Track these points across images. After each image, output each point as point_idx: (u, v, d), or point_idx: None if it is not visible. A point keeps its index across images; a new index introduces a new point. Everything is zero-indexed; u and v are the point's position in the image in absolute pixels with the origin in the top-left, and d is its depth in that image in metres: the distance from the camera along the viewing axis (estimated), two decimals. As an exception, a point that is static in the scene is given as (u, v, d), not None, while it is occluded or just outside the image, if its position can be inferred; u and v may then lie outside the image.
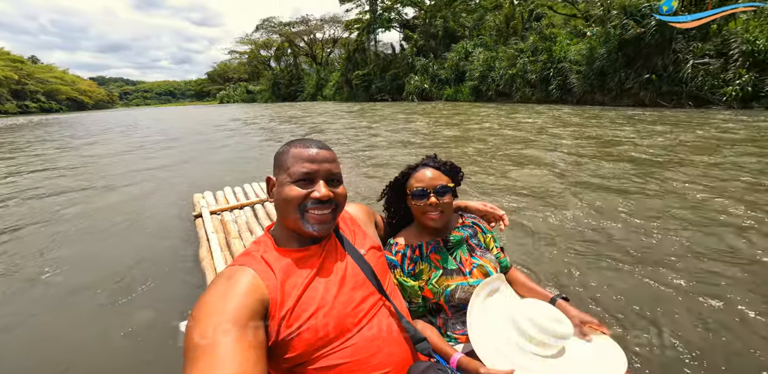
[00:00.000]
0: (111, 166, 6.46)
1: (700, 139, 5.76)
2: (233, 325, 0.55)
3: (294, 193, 0.71)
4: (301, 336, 0.64)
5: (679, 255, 2.16)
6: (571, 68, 14.21)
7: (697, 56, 10.55)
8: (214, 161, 6.52)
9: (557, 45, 15.23)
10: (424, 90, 23.19)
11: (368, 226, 0.97)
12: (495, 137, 7.27)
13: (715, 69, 10.25)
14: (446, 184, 0.95)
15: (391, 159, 5.67)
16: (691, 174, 3.83)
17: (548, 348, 0.76)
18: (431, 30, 24.80)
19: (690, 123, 7.79)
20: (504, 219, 1.09)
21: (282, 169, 0.74)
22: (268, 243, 0.75)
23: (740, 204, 2.88)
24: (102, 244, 2.89)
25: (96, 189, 4.74)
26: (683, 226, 2.56)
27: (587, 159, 4.84)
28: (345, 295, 0.71)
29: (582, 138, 6.56)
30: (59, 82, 77.25)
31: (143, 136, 11.89)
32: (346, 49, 33.17)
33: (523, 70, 16.44)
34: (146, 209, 3.75)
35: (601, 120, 9.12)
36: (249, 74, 67.46)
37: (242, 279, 0.64)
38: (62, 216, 3.69)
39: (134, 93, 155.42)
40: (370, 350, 0.68)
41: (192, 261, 2.37)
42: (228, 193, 3.20)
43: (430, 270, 0.96)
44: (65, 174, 5.91)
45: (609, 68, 12.74)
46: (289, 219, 0.73)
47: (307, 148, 0.74)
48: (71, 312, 1.96)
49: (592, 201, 3.21)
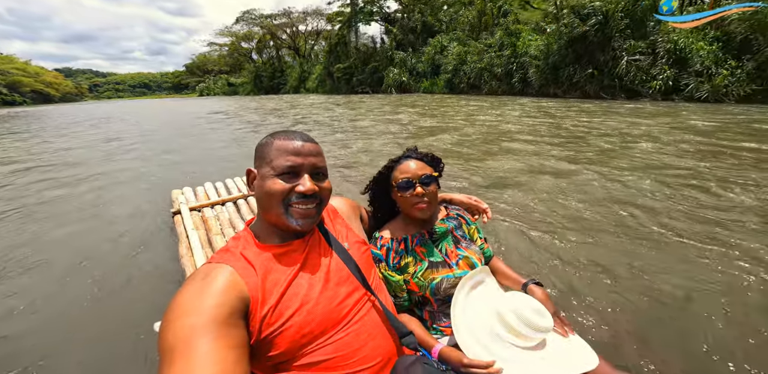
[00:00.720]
0: (81, 159, 6.23)
1: (609, 127, 7.26)
2: (210, 324, 0.53)
3: (277, 187, 0.69)
4: (284, 333, 0.63)
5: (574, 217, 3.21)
6: (531, 63, 15.75)
7: (630, 53, 12.22)
8: (196, 154, 6.32)
9: (521, 41, 16.73)
10: (403, 82, 24.41)
11: (353, 220, 0.96)
12: (464, 127, 8.57)
13: (645, 65, 11.95)
14: (431, 174, 0.97)
15: (369, 146, 5.96)
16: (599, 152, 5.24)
17: (529, 340, 0.78)
18: (410, 24, 25.94)
19: (613, 112, 9.40)
20: (487, 212, 1.11)
21: (264, 162, 0.72)
22: (248, 238, 0.74)
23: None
24: (75, 241, 2.78)
25: (66, 184, 4.58)
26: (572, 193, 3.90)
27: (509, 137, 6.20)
28: (329, 291, 0.70)
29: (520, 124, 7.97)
30: (21, 74, 73.55)
31: (117, 130, 11.38)
32: (328, 42, 33.81)
33: (491, 64, 17.92)
34: (120, 206, 3.60)
35: (545, 111, 10.63)
36: (230, 66, 66.42)
37: (219, 277, 0.62)
38: (31, 211, 3.54)
39: (105, 85, 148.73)
40: (355, 345, 0.67)
41: (170, 259, 2.29)
42: (209, 189, 3.10)
43: (415, 263, 0.97)
44: (30, 167, 5.73)
45: (561, 63, 14.33)
46: (271, 213, 0.71)
47: (292, 140, 0.72)
48: (44, 311, 1.91)
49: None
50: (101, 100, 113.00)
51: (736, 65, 9.93)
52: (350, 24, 29.81)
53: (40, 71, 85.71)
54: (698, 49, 10.64)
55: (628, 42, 12.38)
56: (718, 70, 10.12)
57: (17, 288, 2.16)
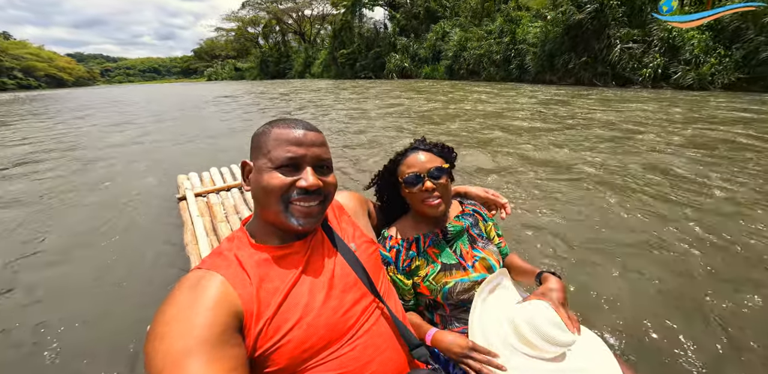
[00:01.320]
0: (92, 140, 6.54)
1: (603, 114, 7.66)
2: (203, 347, 0.48)
3: (276, 182, 0.62)
4: (282, 349, 0.57)
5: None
6: (528, 50, 15.78)
7: (624, 41, 12.24)
8: (202, 139, 6.39)
9: (521, 28, 16.66)
10: (404, 68, 24.50)
11: (360, 217, 0.88)
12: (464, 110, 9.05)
13: (637, 53, 12.00)
14: (441, 166, 0.88)
15: (367, 129, 6.25)
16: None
17: (544, 352, 0.73)
18: (413, 10, 25.67)
19: (607, 100, 9.69)
20: (506, 207, 1.02)
21: (261, 153, 0.64)
22: (243, 239, 0.67)
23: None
24: (81, 227, 2.78)
25: (78, 163, 4.78)
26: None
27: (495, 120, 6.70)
28: (334, 300, 0.64)
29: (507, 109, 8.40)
30: (35, 59, 74.96)
31: (132, 113, 12.07)
32: (333, 27, 33.65)
33: (490, 51, 17.93)
34: (128, 189, 3.66)
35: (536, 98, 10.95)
36: (237, 51, 66.48)
37: (210, 288, 0.56)
38: (39, 195, 3.63)
39: (116, 70, 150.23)
40: (362, 359, 0.62)
41: (176, 246, 2.28)
42: (214, 174, 3.04)
43: (427, 265, 0.89)
44: (40, 147, 6.05)
45: (557, 51, 14.36)
46: (269, 211, 0.64)
47: (292, 129, 0.65)
48: (44, 301, 1.89)
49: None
50: (112, 84, 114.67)
51: (725, 54, 10.00)
52: (354, 9, 29.57)
53: (53, 56, 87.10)
54: (690, 38, 10.67)
55: (623, 30, 12.38)
56: (707, 59, 10.20)
57: (24, 270, 2.20)
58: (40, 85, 72.17)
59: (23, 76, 69.89)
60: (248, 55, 60.68)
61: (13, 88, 63.56)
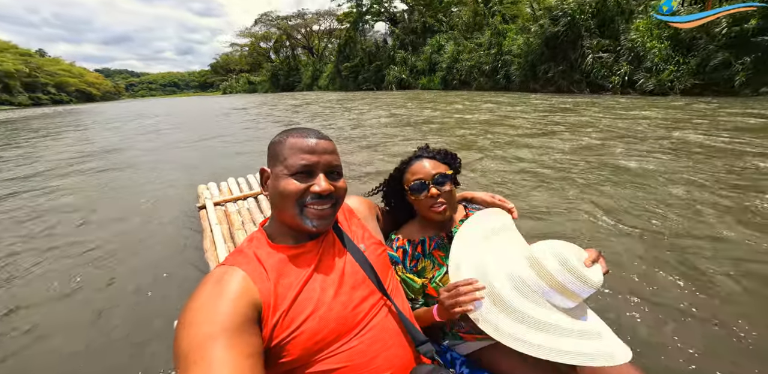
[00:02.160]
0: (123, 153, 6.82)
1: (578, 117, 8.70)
2: (224, 333, 0.53)
3: (292, 187, 0.68)
4: (296, 340, 0.62)
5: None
6: (513, 60, 16.94)
7: (595, 51, 13.25)
8: (220, 150, 6.67)
9: (507, 40, 17.90)
10: (403, 80, 26.02)
11: (369, 220, 0.94)
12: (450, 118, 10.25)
13: (608, 61, 12.97)
14: (444, 173, 0.92)
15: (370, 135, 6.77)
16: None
17: (567, 295, 0.64)
18: (411, 25, 27.44)
19: (577, 106, 10.70)
20: (513, 212, 1.02)
21: (278, 161, 0.71)
22: (262, 239, 0.74)
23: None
24: (110, 234, 2.95)
25: (114, 171, 5.24)
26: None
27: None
28: (344, 295, 0.69)
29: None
30: (67, 75, 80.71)
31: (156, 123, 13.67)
32: (338, 42, 35.89)
33: (480, 62, 19.18)
34: (153, 197, 3.89)
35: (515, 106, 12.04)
36: (250, 65, 70.37)
37: (232, 282, 0.62)
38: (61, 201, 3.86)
39: (139, 84, 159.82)
40: (369, 353, 0.67)
41: (197, 251, 2.41)
42: (231, 184, 3.24)
43: (433, 267, 0.93)
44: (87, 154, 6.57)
45: (538, 61, 15.46)
46: (286, 214, 0.71)
47: (306, 138, 0.71)
48: (67, 303, 1.98)
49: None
50: (136, 98, 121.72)
51: (682, 62, 10.87)
52: (356, 25, 31.66)
53: (83, 72, 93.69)
54: (651, 47, 11.60)
55: (594, 41, 13.41)
56: (666, 67, 11.09)
57: (44, 273, 2.31)
58: (71, 99, 77.36)
59: (56, 91, 75.55)
60: (260, 69, 64.22)
61: (47, 102, 68.56)
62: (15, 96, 61.19)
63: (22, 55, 69.22)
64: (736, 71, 9.64)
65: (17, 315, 1.91)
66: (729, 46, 9.82)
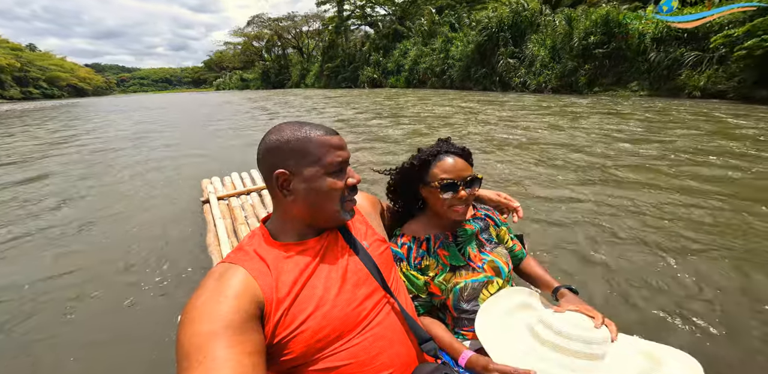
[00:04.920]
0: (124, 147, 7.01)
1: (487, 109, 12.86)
2: (226, 330, 0.54)
3: (338, 186, 0.70)
4: (298, 337, 0.63)
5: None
6: (453, 64, 21.23)
7: (505, 57, 17.52)
8: (225, 143, 7.04)
9: (454, 46, 22.20)
10: (375, 79, 30.30)
11: (373, 217, 0.96)
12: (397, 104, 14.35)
13: (515, 66, 17.22)
14: (476, 176, 0.93)
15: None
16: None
17: (571, 353, 0.71)
18: (383, 31, 31.87)
19: (492, 101, 14.91)
20: (518, 211, 1.07)
21: (307, 160, 0.69)
22: (263, 236, 0.74)
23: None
24: (113, 226, 3.07)
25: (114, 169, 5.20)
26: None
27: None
28: (346, 293, 0.70)
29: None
30: (59, 70, 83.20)
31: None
32: (322, 44, 40.20)
33: (432, 65, 23.49)
34: (159, 191, 4.02)
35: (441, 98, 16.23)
36: (243, 63, 74.44)
37: (234, 278, 0.63)
38: (76, 192, 4.09)
39: (131, 80, 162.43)
40: (372, 351, 0.68)
41: (201, 246, 2.45)
42: (235, 178, 3.29)
43: (436, 266, 0.95)
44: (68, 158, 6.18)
45: (471, 64, 19.75)
46: (326, 212, 0.72)
47: (328, 135, 0.71)
48: (71, 299, 2.02)
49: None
50: (128, 93, 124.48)
51: (553, 67, 15.14)
52: (338, 29, 36.05)
53: (74, 67, 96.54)
54: (537, 54, 15.87)
55: (507, 49, 17.70)
56: (543, 71, 15.36)
57: (55, 263, 2.44)
58: (62, 94, 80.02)
59: (48, 85, 78.50)
60: (253, 67, 68.38)
61: (39, 97, 71.08)
62: (7, 90, 63.66)
63: (12, 49, 69.59)
64: (580, 76, 13.93)
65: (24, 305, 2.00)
66: (578, 57, 14.09)
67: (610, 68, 13.41)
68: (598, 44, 13.32)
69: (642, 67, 12.33)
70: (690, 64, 10.77)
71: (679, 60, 11.10)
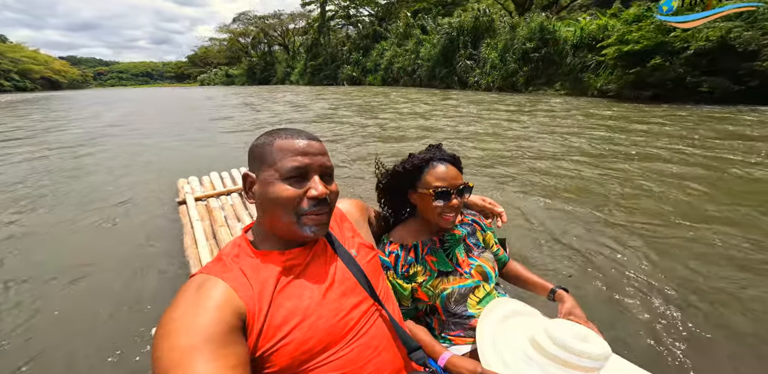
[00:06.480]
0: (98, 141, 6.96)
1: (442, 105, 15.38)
2: (207, 344, 0.52)
3: (288, 194, 0.66)
4: (282, 350, 0.62)
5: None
6: (422, 64, 23.90)
7: (464, 58, 20.22)
8: (200, 142, 6.94)
9: (423, 48, 24.85)
10: (354, 77, 32.76)
11: (361, 224, 0.96)
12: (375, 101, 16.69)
13: (471, 67, 19.93)
14: (468, 185, 0.96)
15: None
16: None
17: (570, 366, 0.72)
18: (363, 31, 34.44)
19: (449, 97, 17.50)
20: (502, 216, 1.10)
21: (266, 164, 0.68)
22: (245, 246, 0.72)
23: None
24: (75, 228, 2.87)
25: (77, 169, 4.98)
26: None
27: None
28: (333, 303, 0.70)
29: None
30: (32, 62, 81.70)
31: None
32: (306, 42, 42.42)
33: (404, 65, 26.11)
34: (128, 191, 3.83)
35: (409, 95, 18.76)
36: (228, 59, 75.58)
37: (214, 290, 0.61)
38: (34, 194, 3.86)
39: (109, 73, 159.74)
40: (360, 361, 0.68)
41: (176, 250, 2.35)
42: (215, 178, 3.17)
43: (424, 272, 0.97)
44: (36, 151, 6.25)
45: (436, 64, 22.42)
46: (280, 223, 0.69)
47: (296, 139, 0.69)
48: (34, 305, 1.94)
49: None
50: (105, 87, 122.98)
51: (500, 68, 17.92)
52: (321, 28, 38.38)
53: (48, 59, 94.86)
54: (489, 56, 18.63)
55: (466, 51, 20.43)
56: (492, 71, 18.14)
57: (20, 273, 2.25)
58: (36, 87, 78.68)
59: (20, 78, 77.11)
60: (239, 63, 69.70)
61: (10, 89, 69.81)
62: (-23, 81, 62.44)
63: (-18, 41, 69.63)
64: (520, 76, 16.73)
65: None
66: (518, 60, 16.88)
67: (543, 70, 16.24)
68: (535, 49, 16.14)
69: (564, 70, 15.18)
70: (592, 67, 13.64)
71: (587, 64, 13.98)
